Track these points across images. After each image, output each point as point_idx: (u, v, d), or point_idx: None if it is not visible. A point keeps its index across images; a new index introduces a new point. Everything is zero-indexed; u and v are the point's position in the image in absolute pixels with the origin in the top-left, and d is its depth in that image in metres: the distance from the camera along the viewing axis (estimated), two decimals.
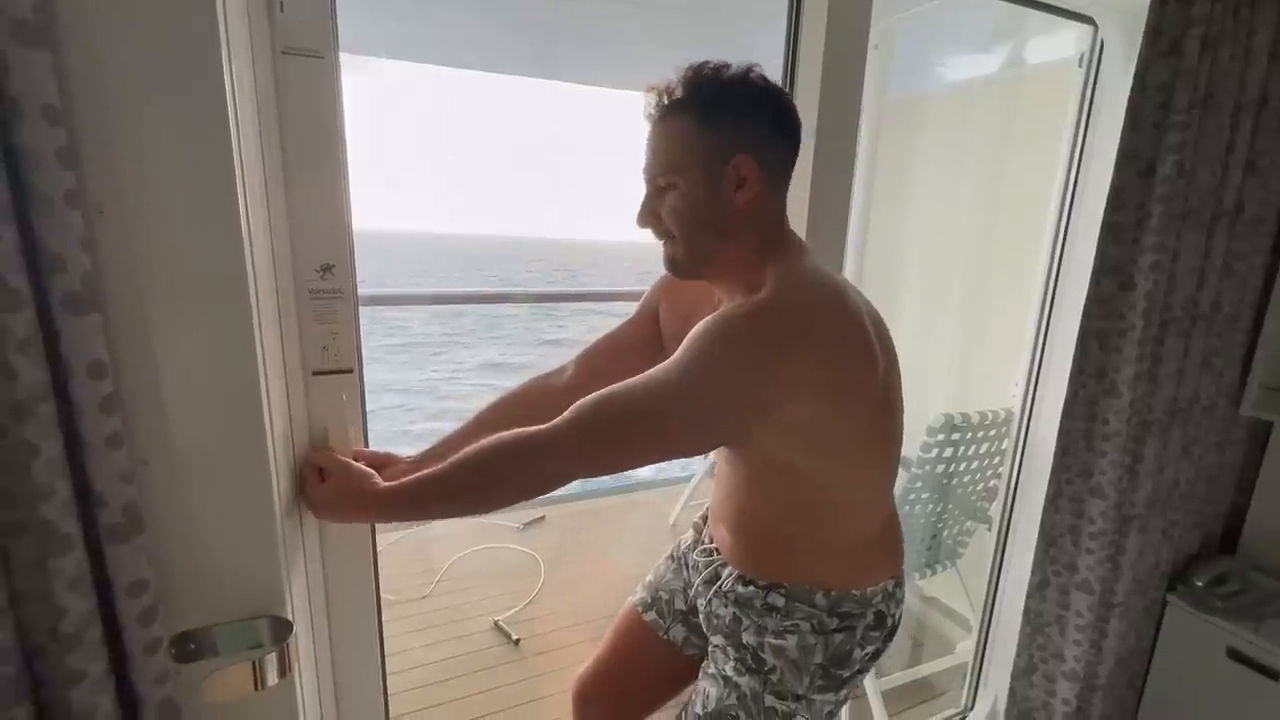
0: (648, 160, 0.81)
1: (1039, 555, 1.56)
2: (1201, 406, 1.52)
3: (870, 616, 0.86)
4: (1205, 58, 1.24)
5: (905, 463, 1.73)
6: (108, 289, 0.52)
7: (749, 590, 0.88)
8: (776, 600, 0.85)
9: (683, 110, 0.77)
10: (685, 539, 1.10)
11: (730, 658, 0.90)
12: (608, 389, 0.74)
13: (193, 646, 0.63)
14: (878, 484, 0.88)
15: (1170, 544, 1.61)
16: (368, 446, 0.88)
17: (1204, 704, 1.59)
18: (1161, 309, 1.37)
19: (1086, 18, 1.38)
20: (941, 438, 1.69)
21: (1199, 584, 1.63)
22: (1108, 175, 1.31)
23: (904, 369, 0.85)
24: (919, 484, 1.74)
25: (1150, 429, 1.44)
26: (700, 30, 2.12)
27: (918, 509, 1.77)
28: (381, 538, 1.85)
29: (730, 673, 0.89)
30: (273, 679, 0.67)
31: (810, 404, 0.73)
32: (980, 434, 1.76)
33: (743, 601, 0.88)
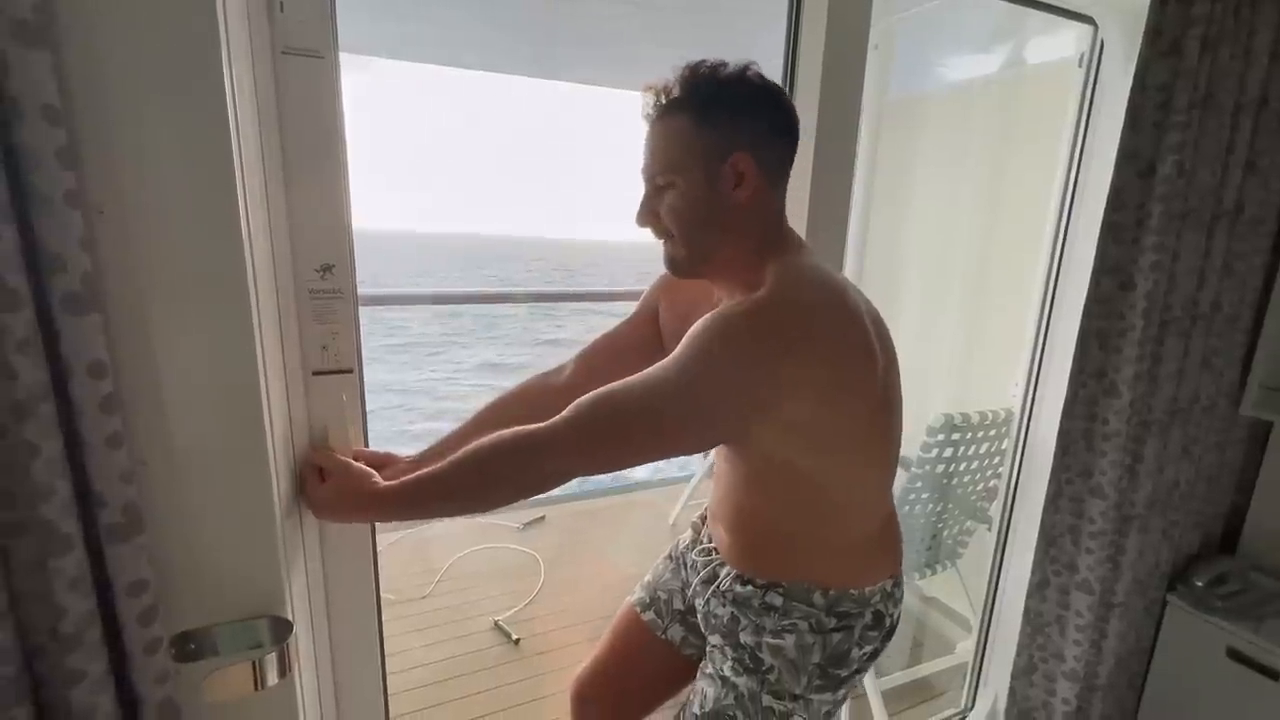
0: (646, 159, 0.81)
1: (1039, 555, 1.56)
2: (1201, 406, 1.52)
3: (868, 616, 0.86)
4: (1205, 58, 1.24)
5: (905, 463, 1.73)
6: (108, 289, 0.52)
7: (747, 590, 0.88)
8: (774, 599, 0.85)
9: (680, 109, 0.77)
10: (683, 539, 1.10)
11: (728, 657, 0.90)
12: (607, 387, 0.74)
13: (193, 646, 0.63)
14: (877, 482, 0.88)
15: (1170, 544, 1.61)
16: (367, 446, 0.88)
17: (1204, 704, 1.59)
18: (1161, 309, 1.37)
19: (1086, 18, 1.38)
20: (941, 438, 1.69)
21: (1199, 584, 1.63)
22: (1108, 175, 1.31)
23: (904, 369, 0.85)
24: (919, 484, 1.74)
25: (1150, 429, 1.44)
26: (700, 30, 2.12)
27: (918, 509, 1.77)
28: (381, 538, 1.85)
29: (728, 672, 0.89)
30: (273, 679, 0.67)
31: (810, 402, 0.73)
32: (980, 434, 1.76)
33: (740, 601, 0.88)
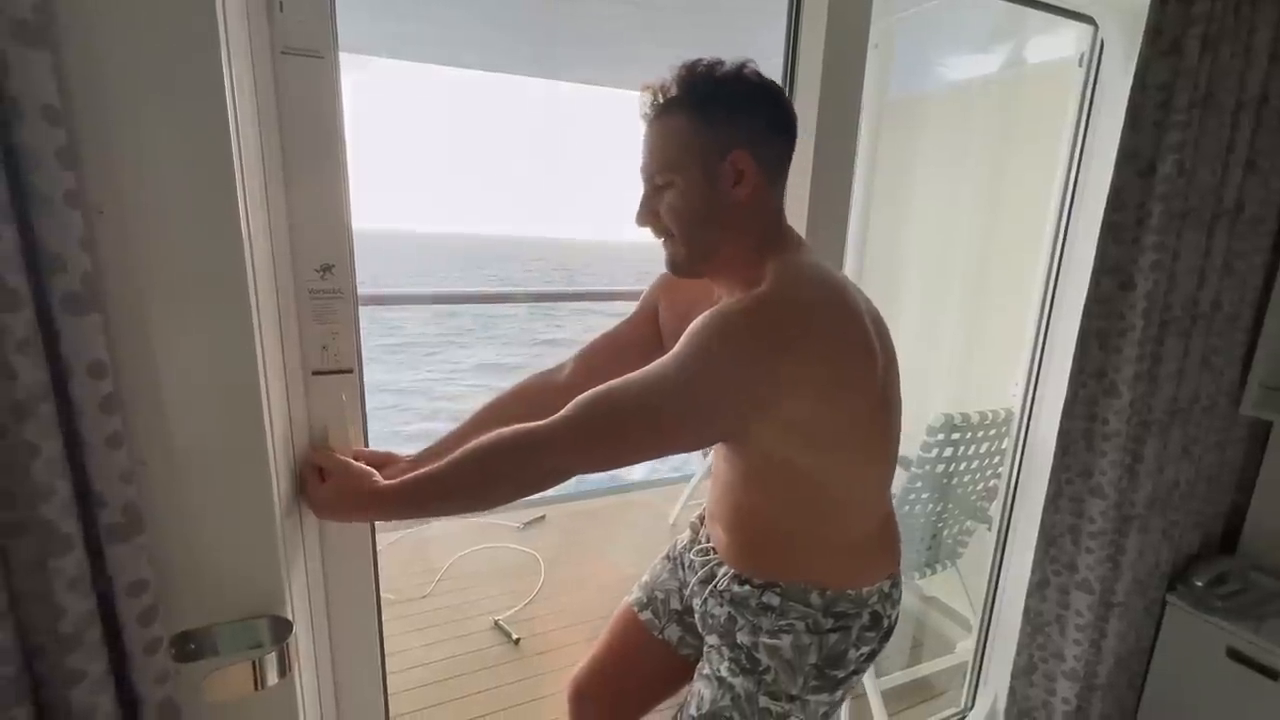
0: (645, 159, 0.81)
1: (1039, 555, 1.56)
2: (1201, 406, 1.52)
3: (866, 617, 0.86)
4: (1206, 57, 1.24)
5: (905, 462, 1.73)
6: (108, 289, 0.52)
7: (744, 589, 0.88)
8: (772, 600, 0.85)
9: (678, 108, 0.77)
10: (682, 539, 1.09)
11: (725, 658, 0.90)
12: (605, 385, 0.74)
13: (193, 646, 0.63)
14: (877, 481, 0.88)
15: (1170, 544, 1.61)
16: (367, 446, 0.88)
17: (1204, 704, 1.60)
18: (1161, 309, 1.36)
19: (1086, 17, 1.38)
20: (941, 437, 1.70)
21: (1199, 584, 1.63)
22: (1108, 175, 1.31)
23: (904, 369, 0.85)
24: (919, 484, 1.74)
25: (1150, 429, 1.44)
26: (700, 30, 2.12)
27: (918, 509, 1.77)
28: (381, 537, 1.85)
29: (725, 673, 0.89)
30: (273, 679, 0.67)
31: (809, 400, 0.73)
32: (980, 434, 1.76)
33: (738, 601, 0.88)
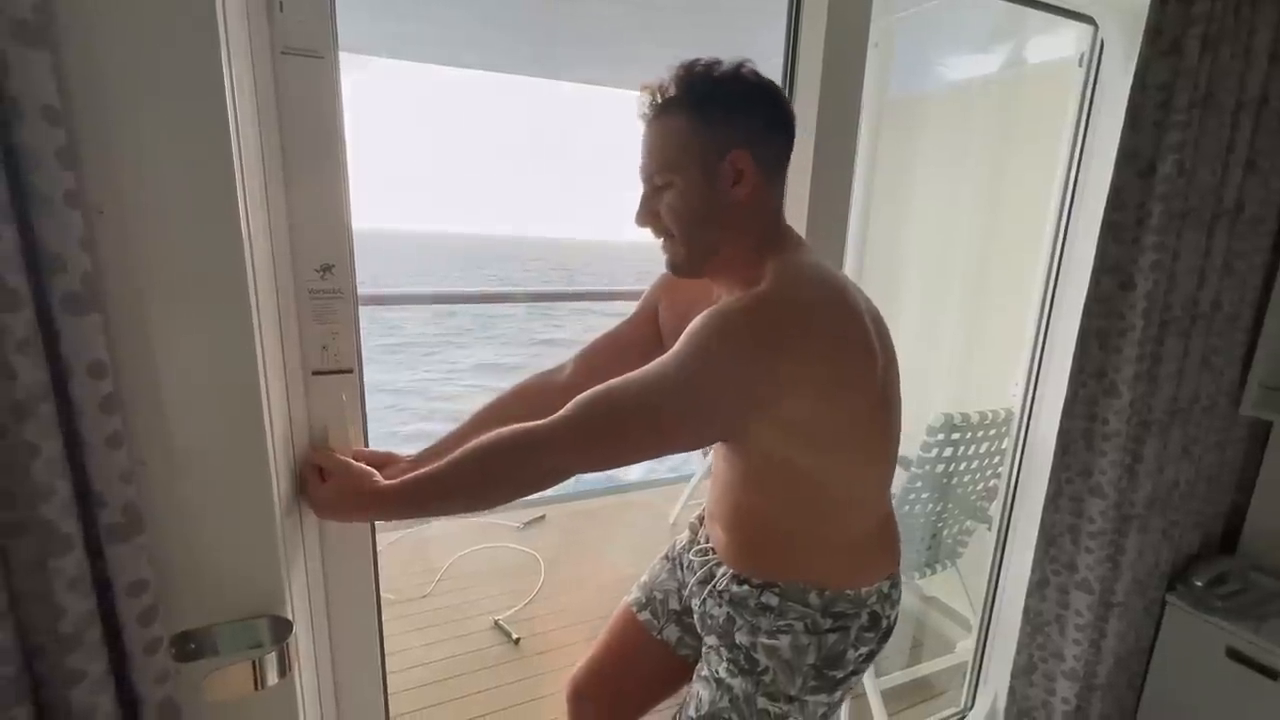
0: (644, 159, 0.81)
1: (1039, 554, 1.56)
2: (1201, 406, 1.52)
3: (864, 617, 0.86)
4: (1206, 57, 1.24)
5: (905, 462, 1.73)
6: (108, 289, 0.52)
7: (743, 589, 0.88)
8: (770, 600, 0.85)
9: (677, 108, 0.77)
10: (680, 539, 1.09)
11: (723, 659, 0.90)
12: (605, 384, 0.74)
13: (193, 646, 0.63)
14: (877, 480, 0.88)
15: (1170, 544, 1.61)
16: (367, 446, 0.88)
17: (1203, 704, 1.60)
18: (1161, 308, 1.36)
19: (1086, 17, 1.38)
20: (941, 437, 1.70)
21: (1199, 584, 1.63)
22: (1108, 175, 1.31)
23: (904, 369, 0.85)
24: (919, 483, 1.74)
25: (1150, 429, 1.44)
26: (700, 29, 2.12)
27: (918, 508, 1.77)
28: (381, 537, 1.85)
29: (723, 674, 0.89)
30: (273, 679, 0.67)
31: (809, 399, 0.73)
32: (980, 434, 1.76)
33: (737, 601, 0.88)
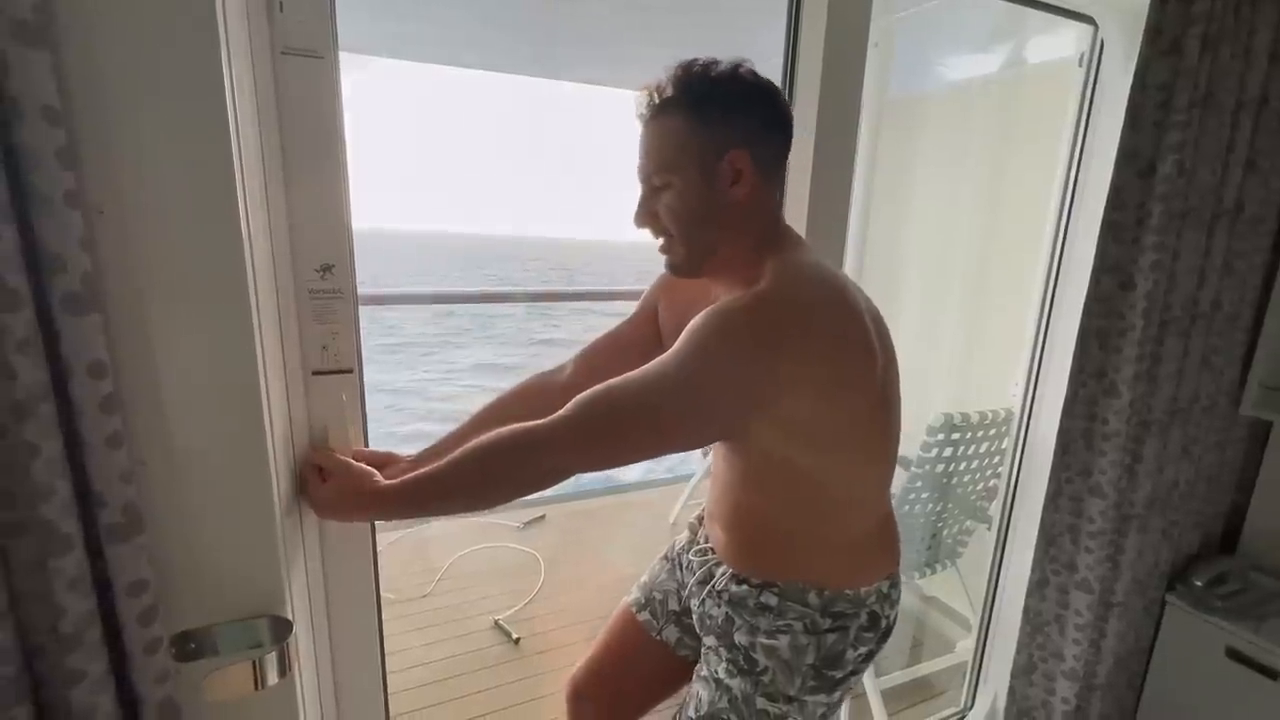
0: (642, 160, 0.81)
1: (1038, 554, 1.56)
2: (1201, 406, 1.52)
3: (864, 617, 0.86)
4: (1205, 57, 1.24)
5: (905, 462, 1.73)
6: (108, 289, 0.52)
7: (742, 589, 0.88)
8: (769, 600, 0.85)
9: (674, 108, 0.77)
10: (680, 540, 1.09)
11: (722, 659, 0.90)
12: (605, 384, 0.74)
13: (193, 646, 0.63)
14: (876, 480, 0.88)
15: (1170, 544, 1.61)
16: (367, 446, 0.88)
17: (1203, 704, 1.60)
18: (1161, 308, 1.36)
19: (1086, 17, 1.38)
20: (941, 437, 1.70)
21: (1198, 584, 1.63)
22: (1108, 174, 1.31)
23: (904, 369, 0.85)
24: (919, 483, 1.74)
25: (1150, 428, 1.44)
26: (701, 29, 2.12)
27: (918, 508, 1.77)
28: (381, 537, 1.85)
29: (722, 675, 0.89)
30: (273, 678, 0.67)
31: (809, 398, 0.73)
32: (980, 434, 1.76)
33: (736, 601, 0.88)
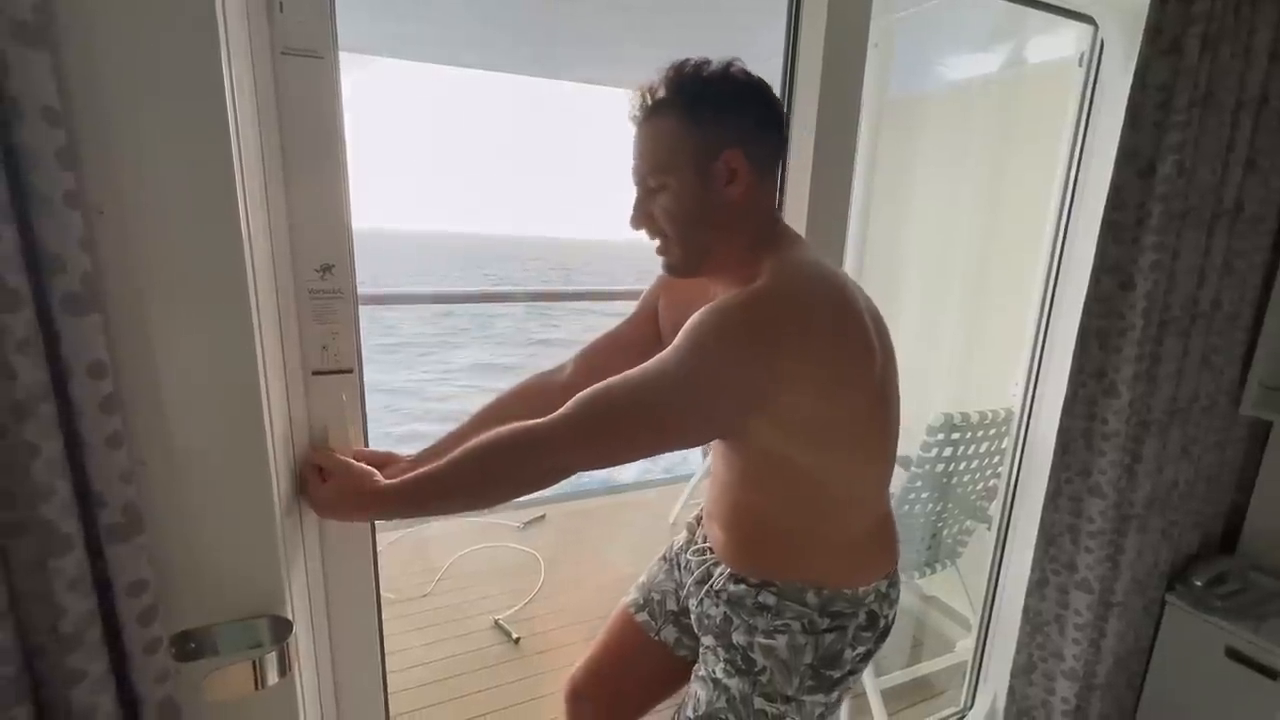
0: (636, 162, 0.81)
1: (1038, 554, 1.56)
2: (1201, 406, 1.52)
3: (862, 617, 0.86)
4: (1206, 56, 1.24)
5: (905, 462, 1.73)
6: (108, 289, 0.52)
7: (740, 589, 0.87)
8: (767, 599, 0.85)
9: (667, 109, 0.77)
10: (678, 540, 1.09)
11: (720, 659, 0.90)
12: (604, 382, 0.74)
13: (193, 646, 0.63)
14: (875, 479, 0.88)
15: (1169, 543, 1.61)
16: (367, 446, 0.88)
17: (1203, 704, 1.60)
18: (1161, 308, 1.36)
19: (1086, 17, 1.38)
20: (941, 437, 1.70)
21: (1198, 583, 1.63)
22: (1108, 174, 1.31)
23: (904, 368, 0.85)
24: (919, 483, 1.74)
25: (1150, 428, 1.44)
26: (701, 29, 2.12)
27: (917, 508, 1.77)
28: (381, 537, 1.85)
29: (720, 675, 0.89)
30: (273, 678, 0.67)
31: (808, 396, 0.73)
32: (980, 433, 1.76)
33: (734, 600, 0.88)
